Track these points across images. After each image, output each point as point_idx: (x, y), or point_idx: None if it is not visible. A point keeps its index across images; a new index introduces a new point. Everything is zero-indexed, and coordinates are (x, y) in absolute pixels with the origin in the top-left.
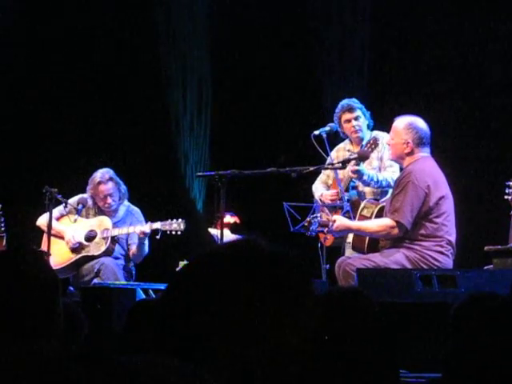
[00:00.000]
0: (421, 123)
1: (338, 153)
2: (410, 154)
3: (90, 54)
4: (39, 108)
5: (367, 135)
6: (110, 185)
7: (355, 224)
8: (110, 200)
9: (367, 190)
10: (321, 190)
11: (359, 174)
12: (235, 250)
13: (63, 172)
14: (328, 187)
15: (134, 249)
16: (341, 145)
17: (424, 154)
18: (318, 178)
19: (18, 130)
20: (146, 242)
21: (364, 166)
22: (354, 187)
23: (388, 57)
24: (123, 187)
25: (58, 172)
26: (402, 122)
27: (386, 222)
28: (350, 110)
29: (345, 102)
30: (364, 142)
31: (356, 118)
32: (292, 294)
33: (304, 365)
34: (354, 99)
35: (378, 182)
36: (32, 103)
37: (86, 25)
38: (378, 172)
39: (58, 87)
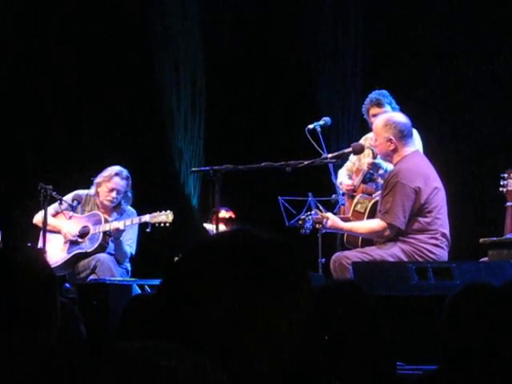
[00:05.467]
0: (398, 117)
1: (366, 141)
2: (396, 150)
3: (85, 54)
4: (35, 106)
5: None
6: (124, 182)
7: (347, 225)
8: (114, 194)
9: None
10: (343, 177)
11: (375, 168)
12: (230, 238)
13: (58, 169)
14: (351, 174)
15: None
16: (369, 134)
17: (410, 148)
18: (345, 165)
19: (13, 127)
20: (131, 242)
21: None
22: (372, 179)
23: (381, 51)
24: (131, 193)
25: (53, 169)
26: (380, 122)
27: (377, 223)
28: (379, 104)
29: (374, 95)
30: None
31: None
32: (288, 281)
33: (297, 354)
34: (385, 92)
35: None
36: (27, 101)
37: (81, 26)
38: None
39: (54, 85)
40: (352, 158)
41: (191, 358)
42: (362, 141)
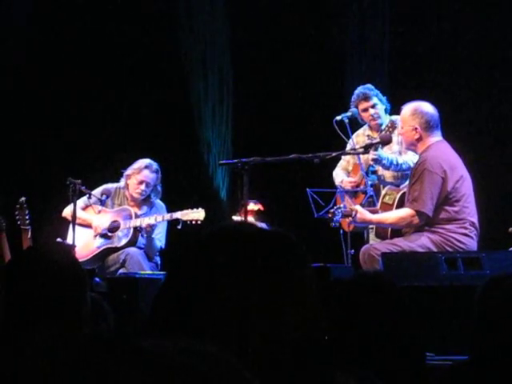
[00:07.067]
0: (426, 107)
1: (358, 138)
2: (421, 139)
3: (113, 46)
4: (63, 100)
5: (386, 120)
6: (154, 175)
7: (376, 217)
8: (143, 187)
9: (387, 174)
10: (341, 176)
11: (378, 160)
12: (232, 230)
13: (87, 163)
14: (348, 173)
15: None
16: (360, 130)
17: (435, 138)
18: (339, 165)
19: (42, 121)
20: (161, 237)
21: (384, 151)
22: (374, 172)
23: (408, 40)
24: (160, 186)
25: (82, 164)
26: (407, 109)
27: (406, 212)
28: (366, 98)
29: (360, 90)
30: (383, 127)
31: (373, 106)
32: (290, 270)
33: (305, 341)
34: (369, 86)
35: (397, 165)
36: (56, 96)
37: (109, 17)
38: (399, 156)
39: (82, 80)
40: (345, 156)
41: (225, 360)
42: (353, 137)
